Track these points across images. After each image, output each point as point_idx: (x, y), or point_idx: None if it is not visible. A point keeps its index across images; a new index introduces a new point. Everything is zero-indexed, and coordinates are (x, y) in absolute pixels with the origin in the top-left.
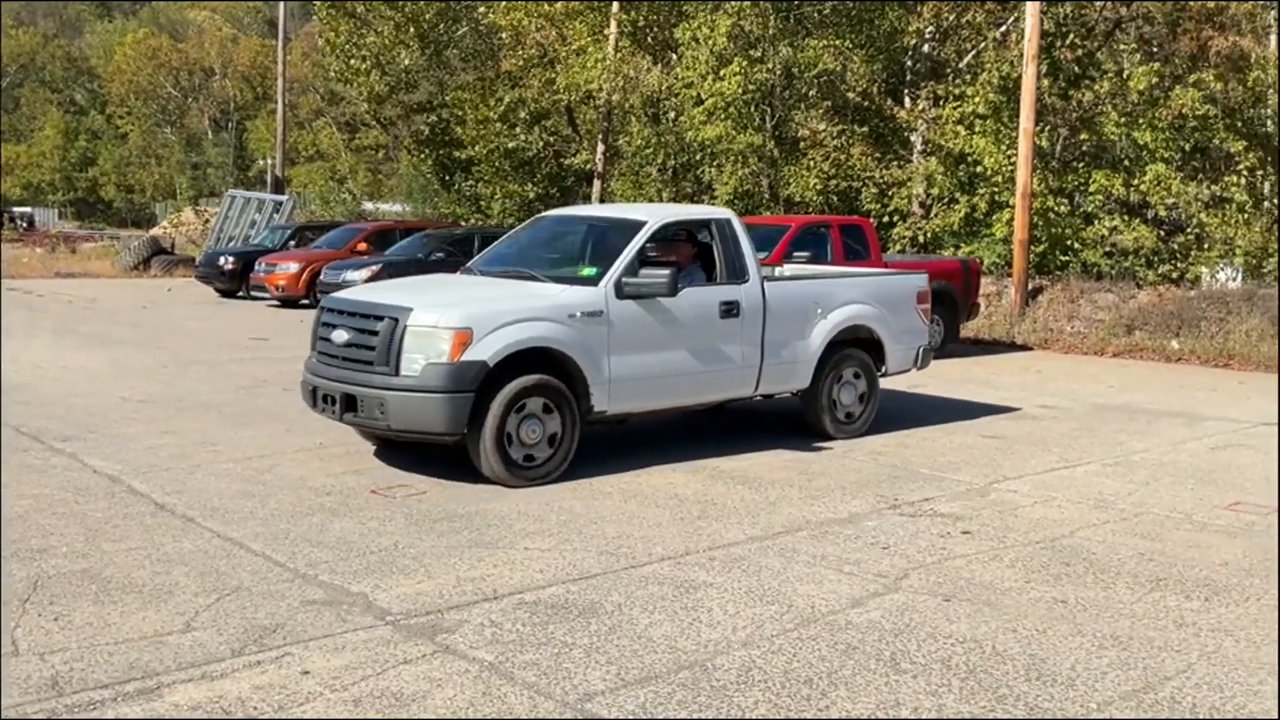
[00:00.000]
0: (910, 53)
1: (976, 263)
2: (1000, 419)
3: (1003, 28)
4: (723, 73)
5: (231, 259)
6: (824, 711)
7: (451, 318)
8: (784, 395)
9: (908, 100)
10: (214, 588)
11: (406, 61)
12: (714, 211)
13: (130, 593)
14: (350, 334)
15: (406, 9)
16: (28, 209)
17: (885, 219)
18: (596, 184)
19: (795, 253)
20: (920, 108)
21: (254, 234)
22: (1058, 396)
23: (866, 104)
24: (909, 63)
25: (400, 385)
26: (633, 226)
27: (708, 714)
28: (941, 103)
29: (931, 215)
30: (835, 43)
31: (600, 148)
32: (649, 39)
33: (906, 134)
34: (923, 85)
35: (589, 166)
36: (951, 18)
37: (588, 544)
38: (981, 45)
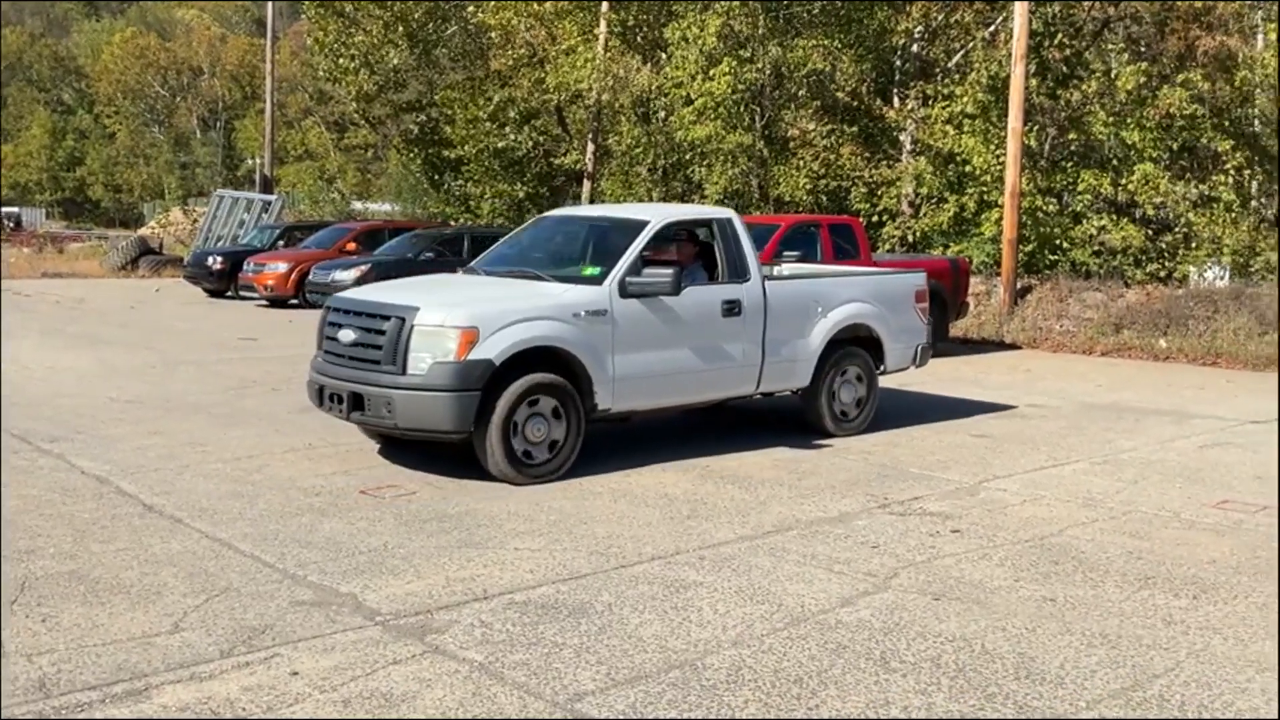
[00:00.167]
0: (899, 52)
1: (965, 262)
2: (989, 418)
3: (991, 27)
4: (712, 72)
5: (220, 259)
6: (814, 710)
7: (458, 317)
8: (783, 394)
9: (897, 100)
10: (202, 589)
11: (395, 61)
12: (716, 211)
13: (118, 594)
14: (357, 333)
15: (395, 8)
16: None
17: (875, 218)
18: (586, 184)
19: (785, 252)
20: (909, 107)
21: (242, 234)
22: (1046, 395)
23: (856, 104)
24: (898, 62)
25: (407, 384)
26: (636, 226)
27: (698, 713)
28: (930, 102)
29: (921, 214)
30: (824, 43)
31: (590, 147)
32: (638, 38)
33: (896, 134)
34: (912, 85)
35: (579, 166)
36: (940, 17)
37: (578, 544)
38: (970, 45)
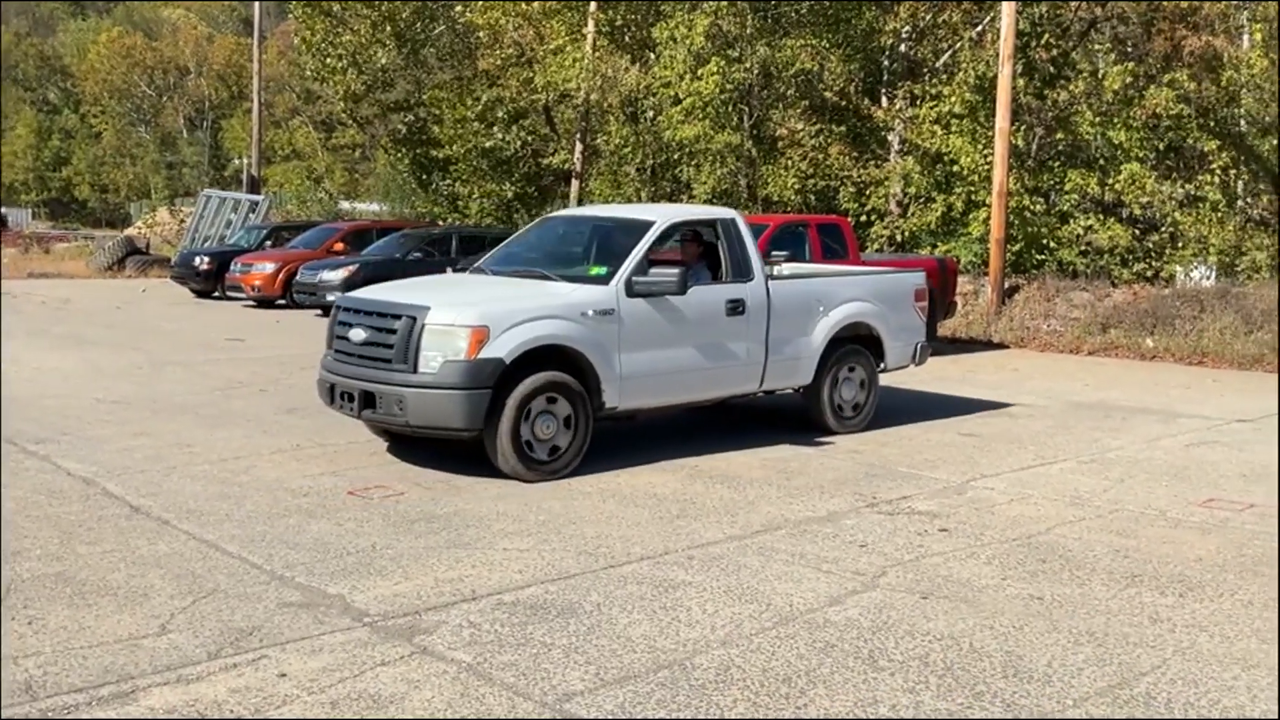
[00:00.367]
0: (887, 52)
1: (953, 261)
2: (977, 417)
3: (979, 28)
4: (700, 72)
5: (207, 259)
6: (802, 709)
7: (468, 316)
8: (784, 392)
9: (885, 100)
10: (190, 590)
11: (383, 60)
12: (720, 211)
13: (105, 596)
14: (368, 332)
15: (383, 7)
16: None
17: (863, 218)
18: (575, 183)
19: (774, 251)
20: (897, 107)
21: (229, 234)
22: (1034, 394)
23: (844, 103)
24: (886, 62)
25: (418, 382)
26: (641, 226)
27: (686, 713)
28: (918, 102)
29: (909, 214)
30: (812, 42)
31: (578, 147)
32: (627, 38)
33: (884, 133)
34: (899, 85)
35: (567, 166)
36: (928, 18)
37: (566, 544)
38: (957, 45)
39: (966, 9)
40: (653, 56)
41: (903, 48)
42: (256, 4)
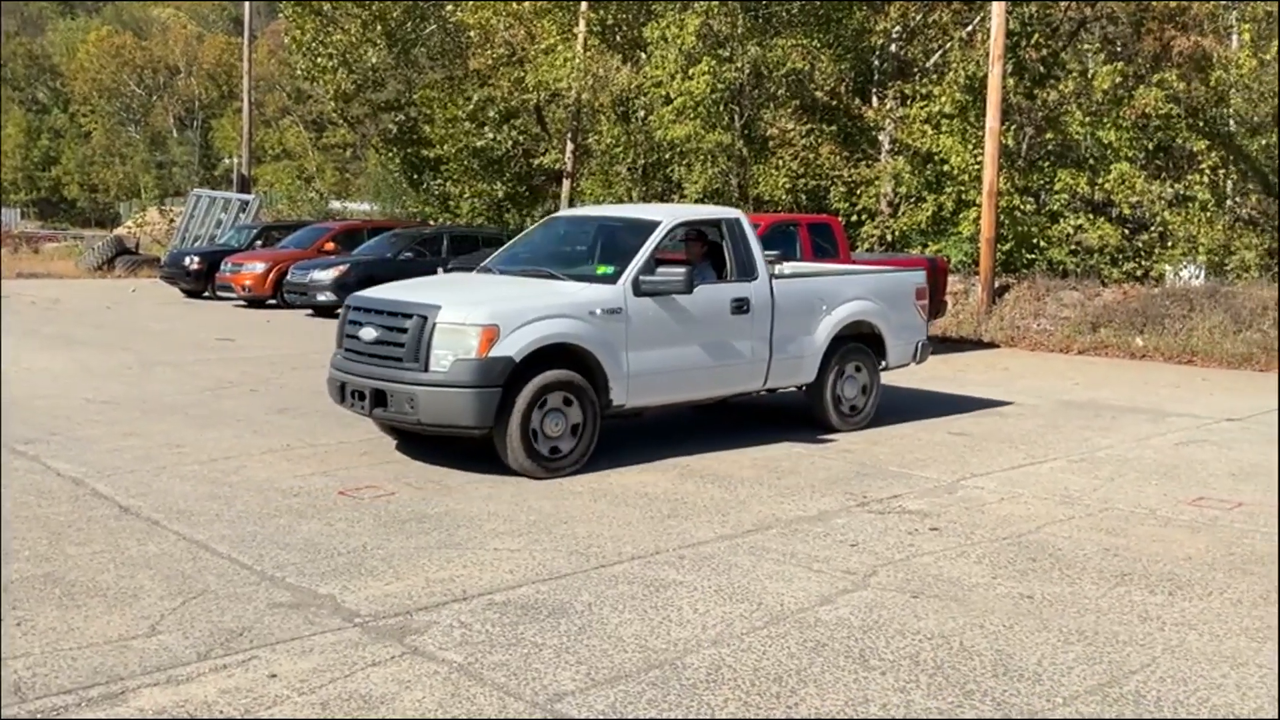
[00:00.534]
0: (877, 52)
1: (944, 261)
2: (967, 416)
3: (969, 28)
4: (691, 72)
5: (197, 259)
6: (793, 709)
7: (479, 315)
8: (787, 390)
9: (875, 100)
10: (179, 591)
11: (374, 60)
12: (725, 211)
13: (94, 597)
14: (379, 331)
15: (373, 7)
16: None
17: (853, 218)
18: (566, 183)
19: (765, 251)
20: (888, 107)
21: (220, 233)
22: (1024, 393)
23: (834, 103)
24: (876, 62)
25: (430, 380)
26: (648, 226)
27: (677, 713)
28: (909, 102)
29: (899, 214)
30: (803, 42)
31: (570, 147)
32: (618, 38)
33: (874, 133)
34: (890, 85)
35: (558, 166)
36: (918, 18)
37: (558, 544)
38: (948, 45)
39: (956, 9)
40: (644, 56)
41: (893, 48)
42: (246, 3)
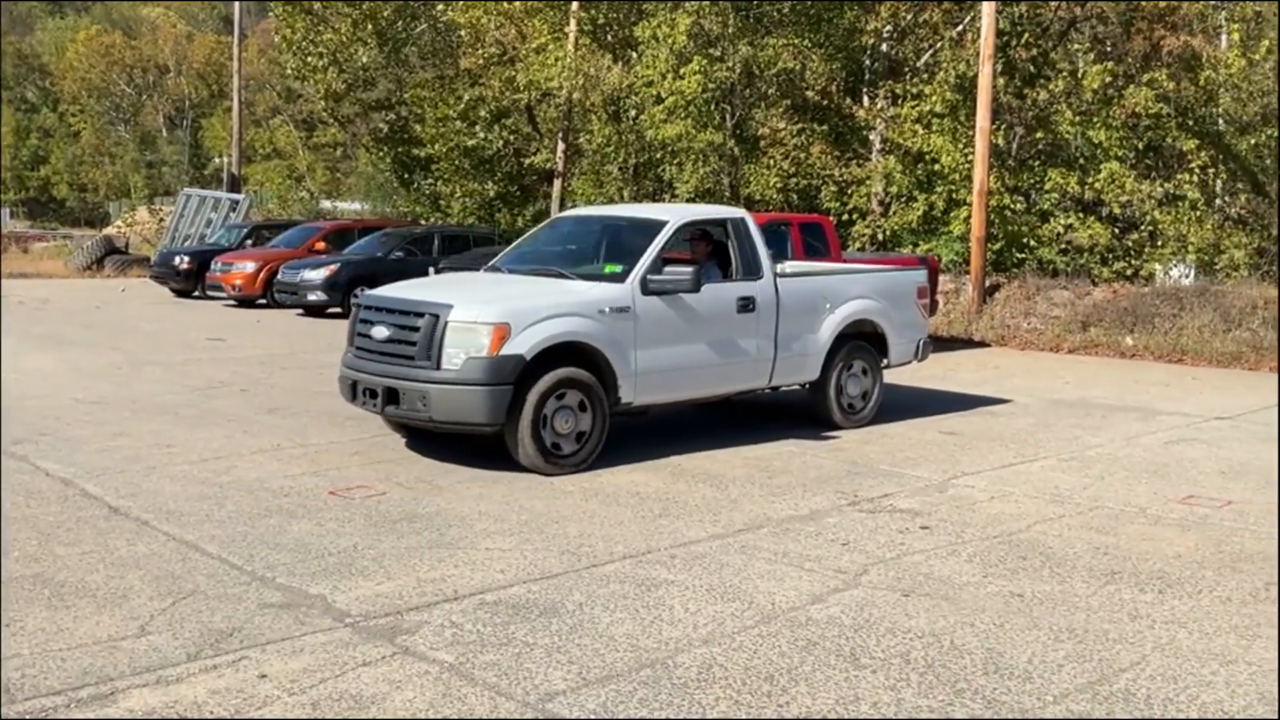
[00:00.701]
0: (868, 52)
1: (935, 260)
2: (958, 415)
3: (959, 27)
4: (683, 71)
5: (187, 258)
6: (784, 707)
7: (490, 313)
8: (790, 387)
9: (866, 99)
10: (169, 591)
11: (364, 59)
12: (730, 211)
13: (84, 597)
14: (391, 330)
15: (364, 6)
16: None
17: (845, 217)
18: (557, 183)
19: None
20: (879, 106)
21: (210, 233)
22: (1015, 392)
23: (826, 103)
24: (867, 62)
25: (442, 378)
26: (655, 226)
27: (669, 712)
28: (899, 101)
29: (890, 213)
30: (794, 42)
31: (561, 146)
32: (609, 37)
33: (865, 133)
34: (881, 84)
35: (549, 165)
36: (909, 17)
37: (549, 543)
38: (938, 45)
39: (947, 9)
40: (635, 55)
41: (884, 47)
42: (236, 2)
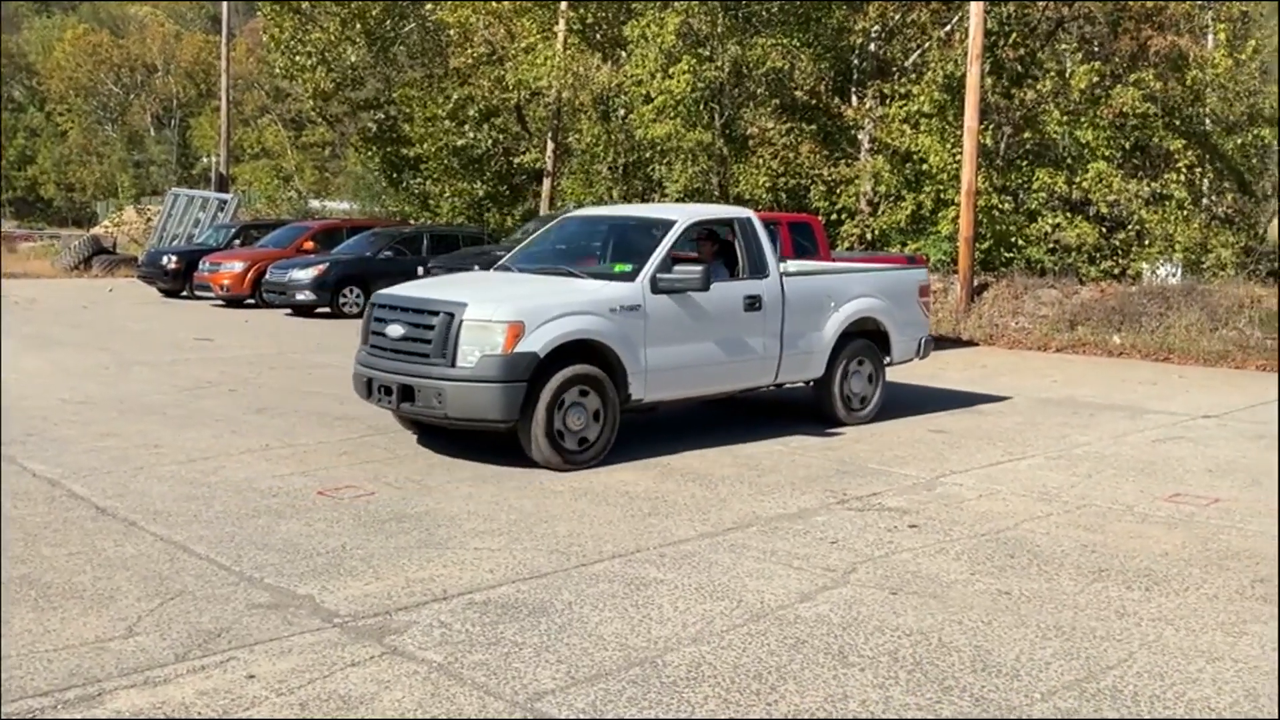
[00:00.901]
0: (857, 52)
1: (923, 259)
2: (946, 413)
3: (947, 27)
4: (672, 71)
5: (175, 258)
6: (773, 706)
7: (505, 312)
8: (795, 385)
9: (855, 99)
10: (157, 592)
11: (353, 58)
12: (737, 211)
13: (71, 598)
14: (406, 328)
15: (352, 5)
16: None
17: (833, 216)
18: (547, 182)
19: None
20: (867, 106)
21: (198, 233)
22: (1002, 391)
23: (814, 102)
24: (856, 61)
25: (457, 375)
26: (664, 225)
27: (658, 711)
28: (888, 101)
29: (879, 213)
30: (783, 41)
31: (550, 145)
32: (598, 36)
33: (854, 132)
34: (869, 84)
35: (539, 164)
36: (897, 17)
37: (538, 543)
38: (926, 45)
39: (935, 9)
40: (624, 55)
41: (872, 47)
42: (225, 1)
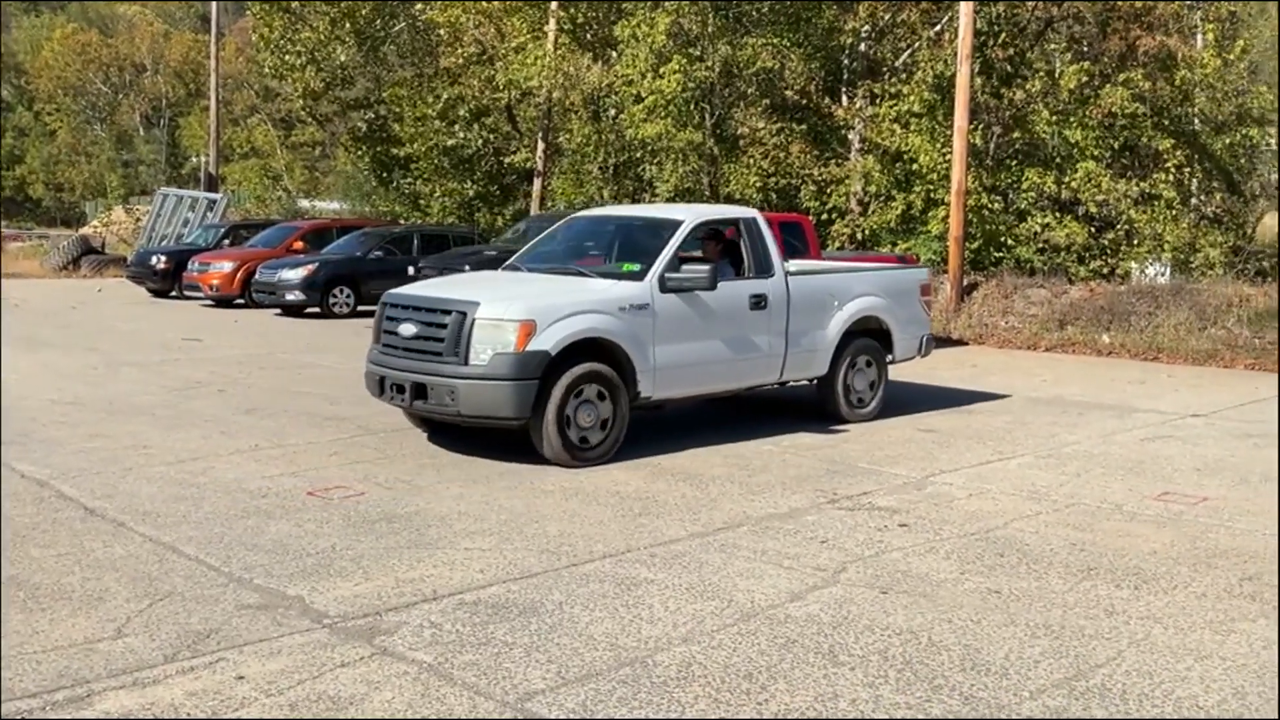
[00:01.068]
0: (847, 52)
1: (913, 259)
2: (936, 413)
3: (937, 27)
4: (662, 70)
5: (164, 258)
6: (763, 705)
7: (516, 311)
8: (799, 383)
9: (845, 99)
10: (146, 593)
11: (342, 57)
12: (742, 211)
13: (59, 599)
14: (418, 327)
15: (342, 5)
16: None
17: (824, 216)
18: (537, 182)
19: None
20: (857, 106)
21: (187, 233)
22: (992, 390)
23: (805, 102)
24: (846, 61)
25: (469, 374)
26: (671, 225)
27: (648, 711)
28: (878, 101)
29: (869, 212)
30: (773, 41)
31: (540, 145)
32: (588, 36)
33: (844, 132)
34: (859, 84)
35: (529, 164)
36: (887, 17)
37: (529, 543)
38: (916, 45)
39: (925, 9)
40: (614, 54)
41: (862, 47)
42: (214, 1)
